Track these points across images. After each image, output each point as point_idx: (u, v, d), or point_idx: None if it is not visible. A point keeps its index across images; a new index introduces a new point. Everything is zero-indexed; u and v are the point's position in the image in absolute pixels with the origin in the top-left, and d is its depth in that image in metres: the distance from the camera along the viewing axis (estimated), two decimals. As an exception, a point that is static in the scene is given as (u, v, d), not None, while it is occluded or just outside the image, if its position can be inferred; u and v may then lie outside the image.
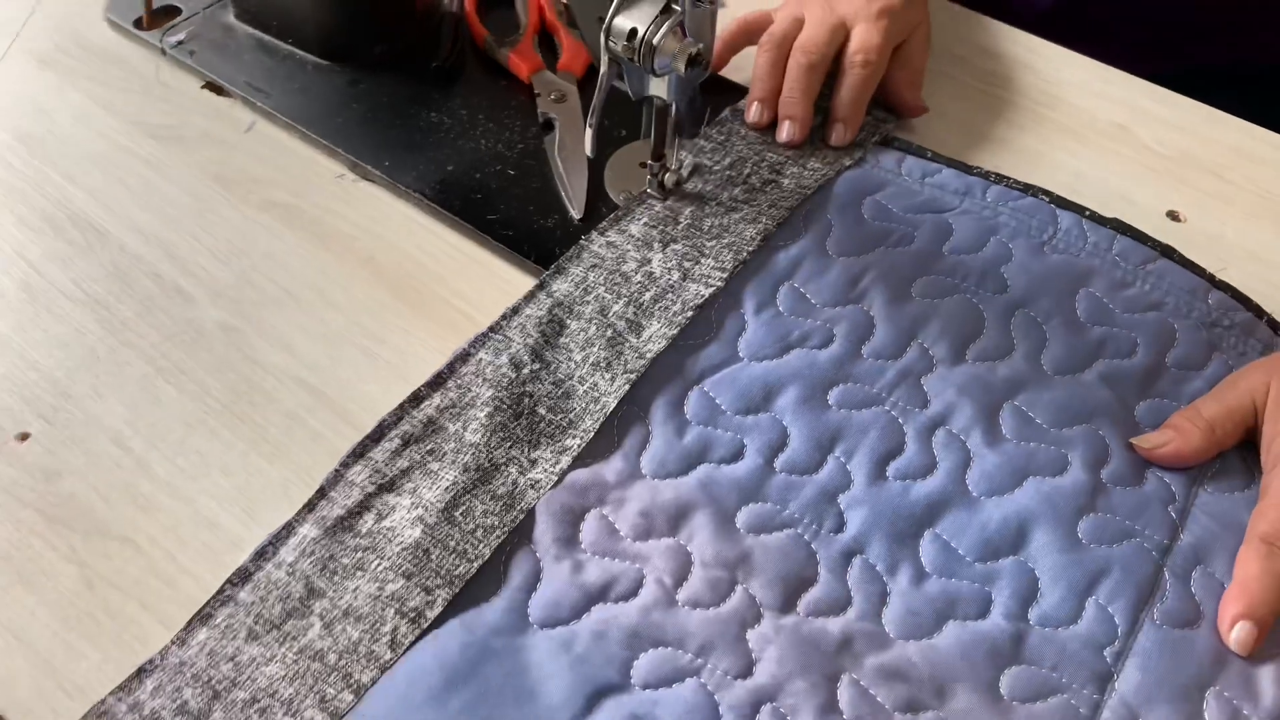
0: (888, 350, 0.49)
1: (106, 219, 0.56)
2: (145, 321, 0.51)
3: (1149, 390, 0.49)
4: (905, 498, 0.45)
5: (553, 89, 0.62)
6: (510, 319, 0.50)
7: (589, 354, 0.48)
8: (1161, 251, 0.53)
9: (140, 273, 0.53)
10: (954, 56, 0.67)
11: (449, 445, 0.45)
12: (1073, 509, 0.44)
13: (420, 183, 0.57)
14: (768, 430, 0.46)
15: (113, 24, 0.66)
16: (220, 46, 0.64)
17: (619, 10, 0.46)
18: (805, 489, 0.45)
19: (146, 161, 0.59)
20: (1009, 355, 0.49)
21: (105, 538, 0.44)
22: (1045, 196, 0.56)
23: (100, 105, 0.61)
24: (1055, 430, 0.47)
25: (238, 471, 0.46)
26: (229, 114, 0.62)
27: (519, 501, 0.43)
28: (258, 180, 0.58)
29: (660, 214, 0.54)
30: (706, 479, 0.45)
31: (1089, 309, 0.51)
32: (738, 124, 0.59)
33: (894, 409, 0.47)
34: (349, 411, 0.48)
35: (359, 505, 0.43)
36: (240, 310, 0.52)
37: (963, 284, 0.52)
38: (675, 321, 0.49)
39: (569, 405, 0.46)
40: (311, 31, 0.63)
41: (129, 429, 0.47)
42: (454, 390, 0.47)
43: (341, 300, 0.53)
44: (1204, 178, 0.61)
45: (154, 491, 0.45)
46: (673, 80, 0.48)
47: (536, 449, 0.45)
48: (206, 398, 0.49)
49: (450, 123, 0.61)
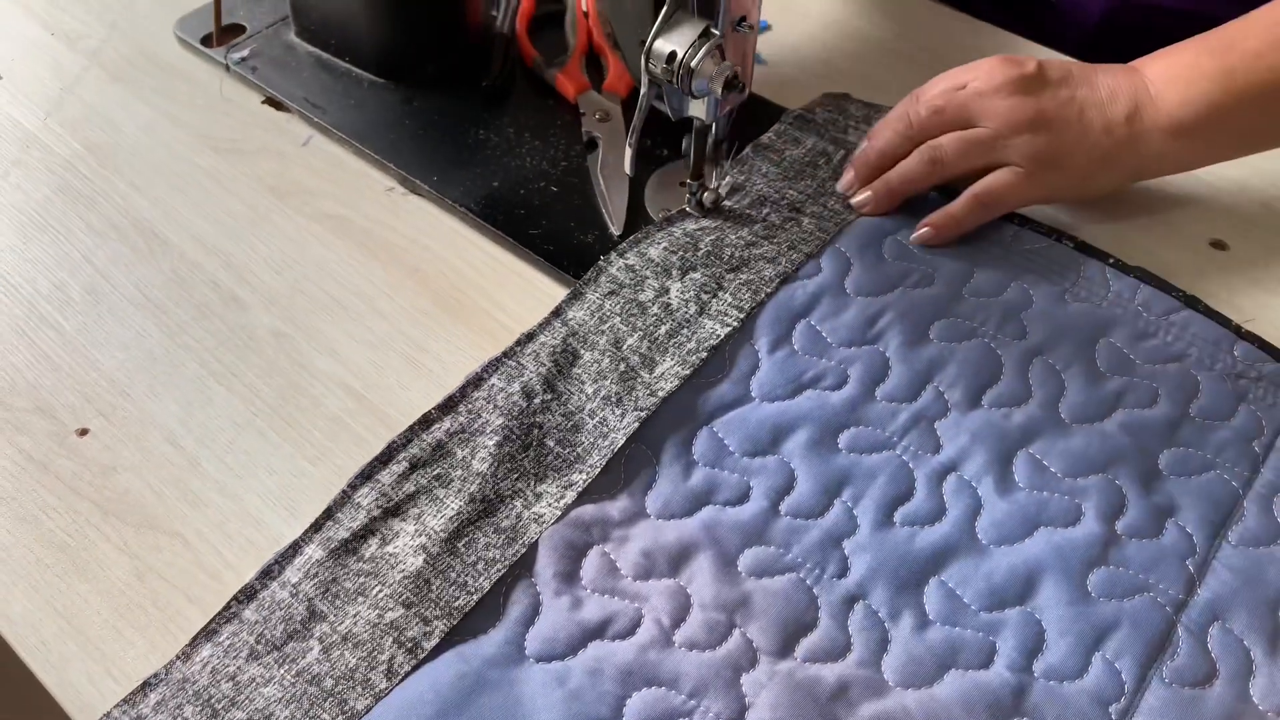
0: (901, 393, 0.49)
1: (168, 227, 0.58)
2: (201, 326, 0.54)
3: (1173, 439, 0.48)
4: (911, 544, 0.44)
5: (597, 109, 0.63)
6: (525, 345, 0.50)
7: (600, 387, 0.48)
8: (1185, 302, 0.53)
9: (199, 280, 0.56)
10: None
11: (456, 472, 0.45)
12: (1083, 560, 0.44)
13: (466, 197, 0.59)
14: (774, 473, 0.46)
15: (181, 41, 0.69)
16: (281, 63, 0.67)
17: (659, 34, 0.47)
18: (809, 533, 0.45)
19: (208, 173, 0.61)
20: (1025, 402, 0.49)
21: (156, 531, 0.46)
22: (1070, 242, 0.55)
23: (166, 118, 0.64)
24: (1070, 480, 0.46)
25: (283, 471, 0.48)
26: (287, 128, 0.64)
27: (522, 535, 0.44)
28: (312, 192, 0.60)
29: (680, 239, 0.54)
30: (710, 521, 0.45)
31: (1109, 359, 0.51)
32: (759, 160, 0.59)
33: (905, 453, 0.47)
34: (390, 417, 0.50)
35: (364, 529, 0.44)
36: (291, 317, 0.54)
37: (981, 328, 0.52)
38: (689, 361, 0.49)
39: (577, 439, 0.47)
40: (368, 50, 0.65)
41: (182, 428, 0.49)
42: (464, 415, 0.47)
43: (388, 309, 0.54)
44: (1252, 207, 0.60)
45: (203, 488, 0.47)
46: (711, 102, 0.49)
47: (543, 482, 0.45)
48: (256, 400, 0.51)
49: (497, 140, 0.62)
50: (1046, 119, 0.54)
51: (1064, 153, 0.54)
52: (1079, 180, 0.56)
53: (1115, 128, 0.54)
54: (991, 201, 0.55)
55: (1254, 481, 0.47)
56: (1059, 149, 0.54)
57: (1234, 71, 0.53)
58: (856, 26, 0.72)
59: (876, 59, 0.69)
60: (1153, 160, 0.55)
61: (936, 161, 0.55)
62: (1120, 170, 0.56)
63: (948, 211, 0.55)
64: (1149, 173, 0.57)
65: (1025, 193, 0.55)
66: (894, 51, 0.70)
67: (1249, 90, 0.52)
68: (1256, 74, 0.52)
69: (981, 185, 0.55)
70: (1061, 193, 0.57)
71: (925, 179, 0.56)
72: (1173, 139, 0.54)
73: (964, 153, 0.54)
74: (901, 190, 0.56)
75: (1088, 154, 0.54)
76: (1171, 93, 0.54)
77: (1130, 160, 0.55)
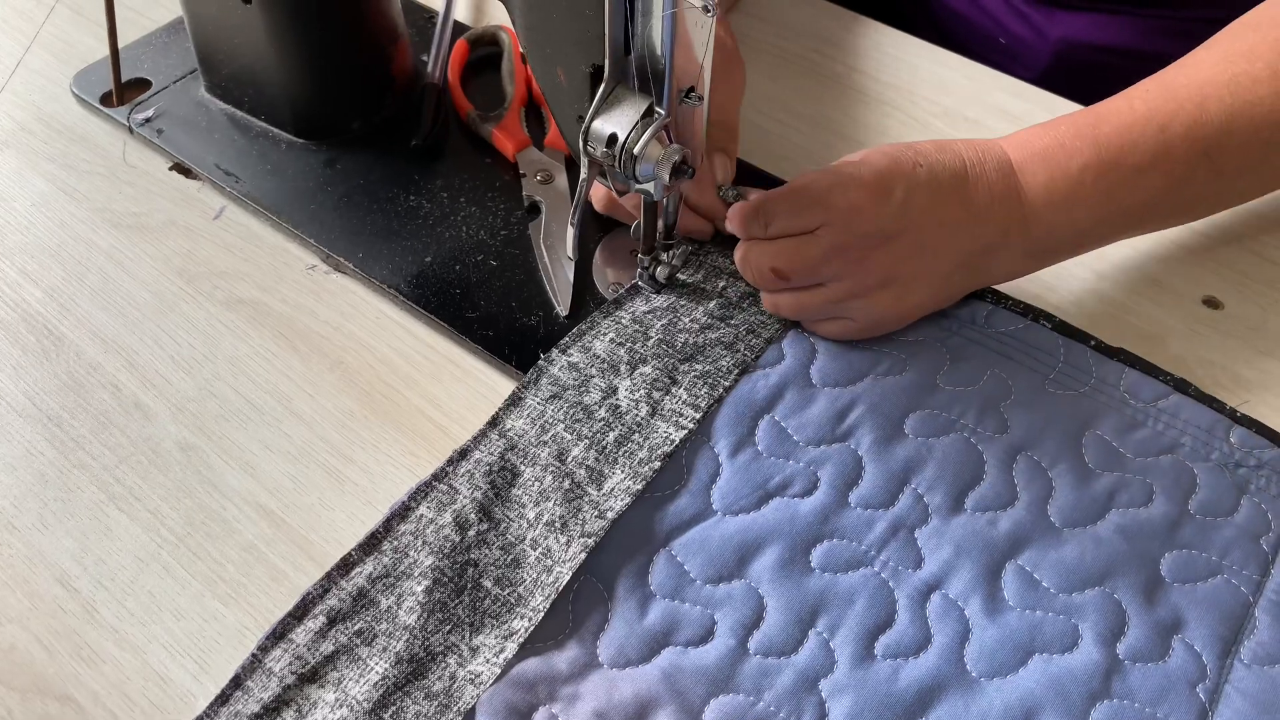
0: (877, 498, 0.45)
1: (64, 322, 0.52)
2: (100, 440, 0.48)
3: (1173, 540, 0.44)
4: (895, 682, 0.40)
5: (539, 168, 0.58)
6: (458, 464, 0.45)
7: (543, 510, 0.43)
8: (1174, 386, 0.49)
9: (97, 384, 0.50)
10: (966, 119, 0.63)
11: (381, 626, 0.40)
12: (1084, 695, 0.40)
13: (395, 276, 0.53)
14: (741, 603, 0.42)
15: (79, 99, 0.63)
16: (190, 124, 0.61)
17: (598, 113, 0.42)
18: (782, 675, 0.40)
19: (108, 255, 0.55)
20: (1012, 504, 0.45)
21: (45, 696, 0.41)
22: (1047, 323, 0.51)
23: (62, 191, 0.58)
24: (1065, 595, 0.42)
25: (191, 615, 0.43)
26: (197, 198, 0.58)
27: (456, 700, 0.39)
28: (224, 274, 0.55)
29: (629, 328, 0.50)
30: (671, 668, 0.40)
31: (1098, 453, 0.47)
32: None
33: (884, 569, 0.43)
34: (311, 544, 0.45)
35: (277, 700, 0.39)
36: (201, 425, 0.49)
37: (960, 421, 0.47)
38: (641, 473, 0.44)
39: (518, 576, 0.42)
40: (285, 107, 0.59)
41: (76, 565, 0.44)
42: (389, 555, 0.42)
43: (308, 411, 0.49)
44: (1245, 258, 0.56)
45: (100, 640, 0.42)
46: (659, 185, 0.44)
47: (479, 633, 0.40)
48: (161, 528, 0.45)
49: (430, 207, 0.57)
50: (894, 267, 0.47)
51: (913, 301, 0.49)
52: (926, 309, 0.50)
53: (972, 256, 0.48)
54: (827, 333, 0.50)
55: (1264, 586, 0.43)
56: (905, 297, 0.48)
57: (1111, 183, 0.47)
58: (812, 61, 0.67)
59: (837, 96, 0.64)
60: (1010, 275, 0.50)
61: (772, 305, 0.50)
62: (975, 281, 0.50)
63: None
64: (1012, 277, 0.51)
65: (862, 334, 0.49)
66: (854, 88, 0.65)
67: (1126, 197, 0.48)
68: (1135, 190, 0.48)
69: (813, 327, 0.50)
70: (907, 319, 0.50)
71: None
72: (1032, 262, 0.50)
73: (799, 313, 0.49)
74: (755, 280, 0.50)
75: (933, 296, 0.49)
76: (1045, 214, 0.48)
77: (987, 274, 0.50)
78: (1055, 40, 0.72)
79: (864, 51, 0.67)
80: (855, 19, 0.69)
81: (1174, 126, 0.47)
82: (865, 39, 0.68)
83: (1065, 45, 0.72)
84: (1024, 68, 0.74)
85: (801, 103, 0.64)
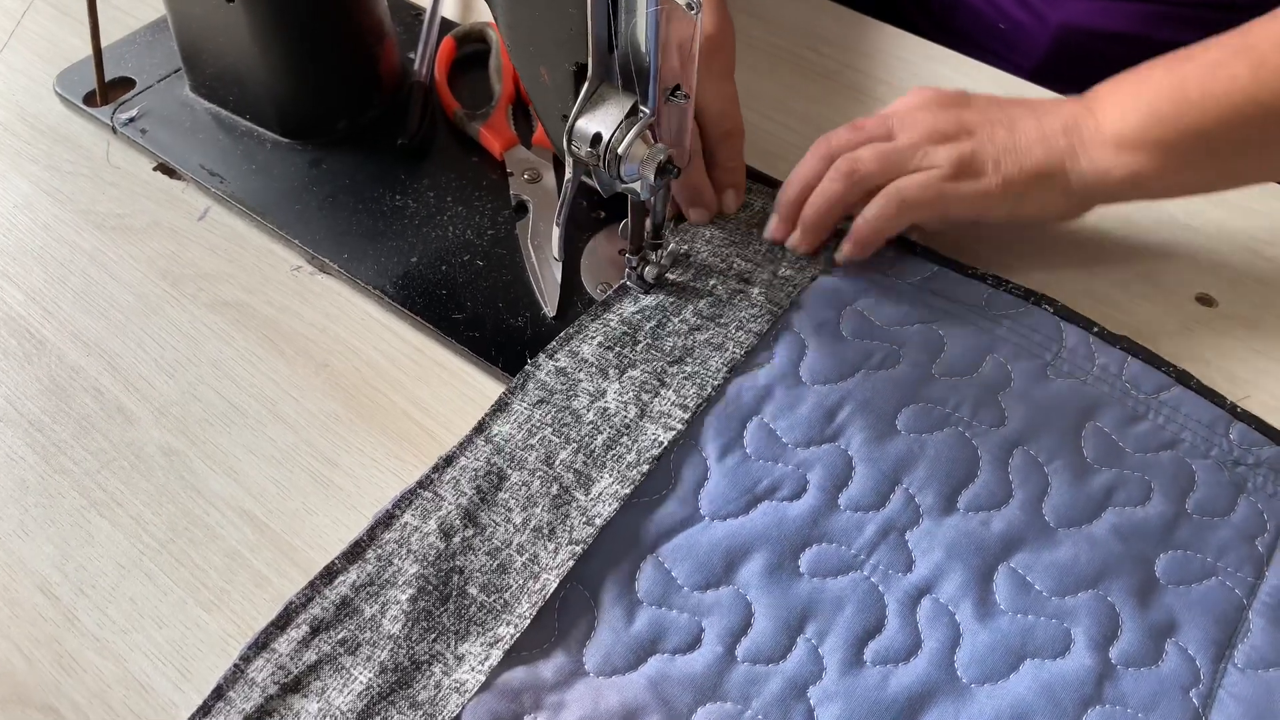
0: (867, 499, 0.44)
1: (46, 325, 0.52)
2: (81, 445, 0.47)
3: (1169, 541, 0.43)
4: (884, 688, 0.39)
5: (526, 167, 0.57)
6: (443, 471, 0.44)
7: (530, 516, 0.43)
8: (1177, 378, 0.48)
9: (79, 388, 0.49)
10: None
11: (365, 635, 0.40)
12: (1076, 701, 0.39)
13: (381, 277, 0.53)
14: (729, 610, 0.41)
15: (62, 98, 0.62)
16: (174, 123, 0.60)
17: (582, 112, 0.41)
18: (770, 682, 0.39)
19: (91, 257, 0.55)
20: (1006, 503, 0.44)
21: (26, 706, 0.40)
22: (1049, 306, 0.50)
23: (45, 192, 0.58)
24: (1057, 599, 0.42)
25: (173, 623, 0.42)
26: (181, 199, 0.58)
27: (441, 709, 0.38)
28: (208, 276, 0.54)
29: (617, 331, 0.49)
30: (658, 676, 0.39)
31: (1097, 448, 0.46)
32: (703, 225, 0.54)
33: (874, 574, 0.42)
34: (295, 549, 0.44)
35: (259, 710, 0.38)
36: (184, 429, 0.48)
37: (955, 414, 0.47)
38: (629, 478, 0.44)
39: (504, 582, 0.41)
40: (270, 106, 0.59)
41: (57, 573, 0.43)
42: (373, 563, 0.41)
43: (292, 414, 0.49)
44: (1239, 254, 0.55)
45: (80, 648, 0.41)
46: (645, 184, 0.43)
47: (464, 641, 0.40)
48: (143, 534, 0.45)
49: (416, 206, 0.56)
50: (971, 128, 0.49)
51: (991, 159, 0.49)
52: (1011, 194, 0.49)
53: (1052, 137, 0.49)
54: (910, 199, 0.49)
55: (1258, 589, 0.42)
56: (985, 155, 0.49)
57: (1186, 80, 0.47)
58: (805, 58, 0.66)
59: (830, 93, 0.64)
60: (1096, 179, 0.49)
61: (853, 174, 0.49)
62: (1059, 188, 0.49)
63: (863, 216, 0.49)
64: (1096, 195, 0.50)
65: (946, 195, 0.48)
66: (847, 84, 0.64)
67: (1204, 100, 0.46)
68: (1216, 82, 0.46)
69: (898, 181, 0.49)
70: (991, 205, 0.49)
71: (845, 195, 0.50)
72: (1116, 152, 0.48)
73: (882, 163, 0.49)
74: (826, 213, 0.50)
75: (1019, 163, 0.49)
76: (1113, 102, 0.48)
77: (1070, 176, 0.49)
78: (1055, 26, 0.71)
79: (857, 47, 0.67)
80: (847, 14, 0.69)
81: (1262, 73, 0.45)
82: (858, 34, 0.68)
83: (1065, 31, 0.71)
84: (1023, 54, 0.73)
85: (794, 100, 0.63)
